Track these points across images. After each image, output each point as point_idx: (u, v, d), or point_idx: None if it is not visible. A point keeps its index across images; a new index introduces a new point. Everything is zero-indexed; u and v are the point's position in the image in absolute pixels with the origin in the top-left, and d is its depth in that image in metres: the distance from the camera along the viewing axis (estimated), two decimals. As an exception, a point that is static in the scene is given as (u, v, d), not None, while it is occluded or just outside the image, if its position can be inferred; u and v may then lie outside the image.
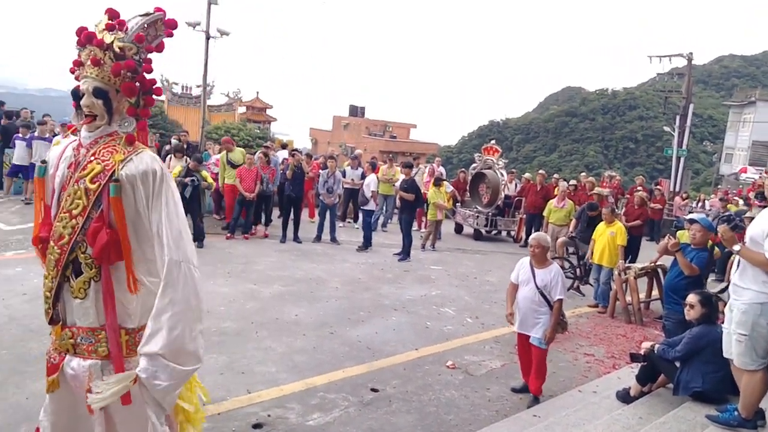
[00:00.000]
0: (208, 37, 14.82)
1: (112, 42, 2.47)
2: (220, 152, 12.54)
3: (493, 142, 16.23)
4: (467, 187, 15.57)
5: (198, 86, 30.59)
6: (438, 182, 12.74)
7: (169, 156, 11.54)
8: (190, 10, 15.27)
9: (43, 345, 5.48)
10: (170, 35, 2.66)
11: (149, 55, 2.61)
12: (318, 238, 11.76)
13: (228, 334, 6.34)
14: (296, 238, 11.51)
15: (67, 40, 2.68)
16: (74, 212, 2.46)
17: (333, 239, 11.80)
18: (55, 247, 2.48)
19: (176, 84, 37.97)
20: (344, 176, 13.05)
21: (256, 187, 11.24)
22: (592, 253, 9.17)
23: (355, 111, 52.46)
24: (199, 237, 10.29)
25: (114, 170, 2.43)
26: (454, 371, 6.02)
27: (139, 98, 2.58)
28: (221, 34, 15.00)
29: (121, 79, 2.49)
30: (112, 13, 2.53)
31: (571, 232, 10.60)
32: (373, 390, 5.36)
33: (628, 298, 8.60)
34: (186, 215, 9.30)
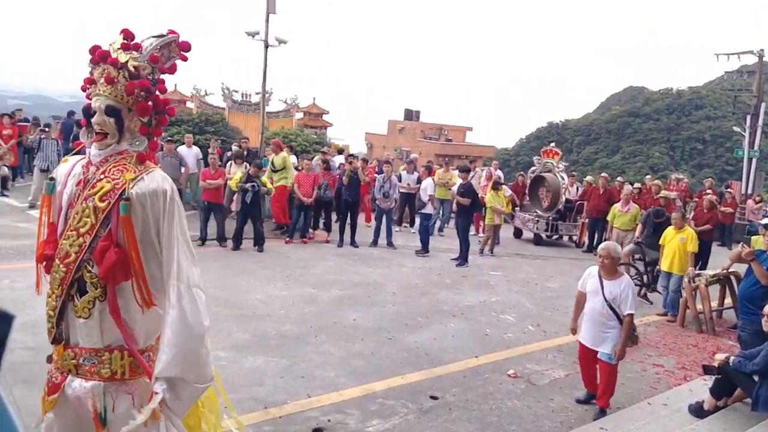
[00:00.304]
0: (266, 46, 15.11)
1: (127, 61, 2.47)
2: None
3: (552, 144, 15.85)
4: (526, 191, 15.27)
5: (257, 93, 31.27)
6: (497, 186, 12.54)
7: (229, 162, 11.81)
8: (250, 20, 15.64)
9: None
10: (184, 59, 2.65)
11: (162, 76, 2.61)
12: (374, 243, 11.78)
13: (288, 338, 6.40)
14: (353, 243, 11.57)
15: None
16: (82, 230, 2.43)
17: (389, 243, 11.80)
18: (61, 266, 2.44)
19: (236, 92, 38.93)
20: (400, 181, 13.03)
21: (314, 192, 11.36)
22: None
23: (411, 115, 52.39)
24: (258, 241, 10.49)
25: (124, 189, 2.40)
26: (515, 380, 5.87)
27: (152, 118, 2.57)
28: (279, 42, 15.27)
29: (134, 99, 2.48)
30: (127, 34, 2.54)
31: (637, 238, 10.22)
32: (433, 397, 5.29)
33: (699, 307, 8.21)
34: (246, 220, 9.42)
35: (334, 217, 12.52)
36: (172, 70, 2.65)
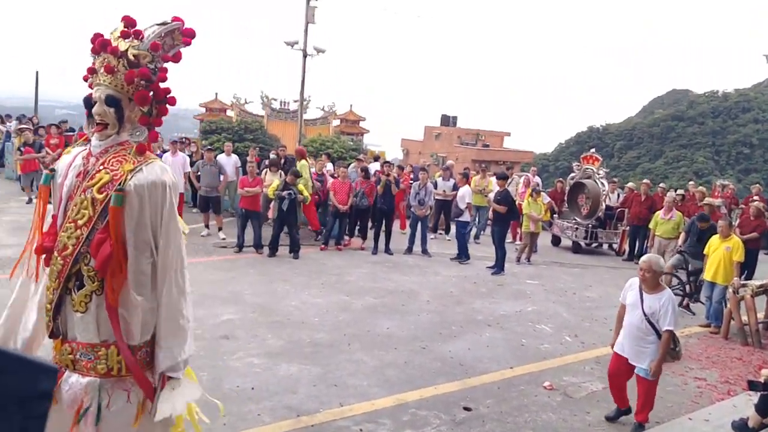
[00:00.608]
0: (305, 55, 15.34)
1: (127, 49, 2.41)
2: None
3: (592, 150, 15.57)
4: (565, 198, 15.02)
5: (295, 101, 31.72)
6: (535, 193, 12.35)
7: (264, 170, 11.96)
8: (289, 30, 15.90)
9: None
10: (188, 44, 2.58)
11: (166, 65, 2.55)
12: (409, 250, 11.75)
13: (321, 345, 6.43)
14: (387, 250, 11.57)
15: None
16: (80, 222, 2.39)
17: (424, 251, 11.75)
18: (59, 258, 2.41)
19: (275, 100, 39.47)
20: (436, 187, 12.98)
21: (349, 199, 11.42)
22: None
23: (447, 120, 52.19)
24: (294, 248, 10.58)
25: (122, 180, 2.37)
26: (551, 392, 5.76)
27: (152, 107, 2.53)
28: (318, 51, 15.48)
29: (134, 88, 2.43)
30: (128, 21, 2.47)
31: (680, 246, 9.93)
32: (466, 409, 5.23)
33: (744, 318, 7.91)
34: (283, 227, 9.42)
35: (369, 224, 12.55)
36: (176, 58, 2.59)
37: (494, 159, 43.44)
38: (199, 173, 11.71)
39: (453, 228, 12.68)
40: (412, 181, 13.42)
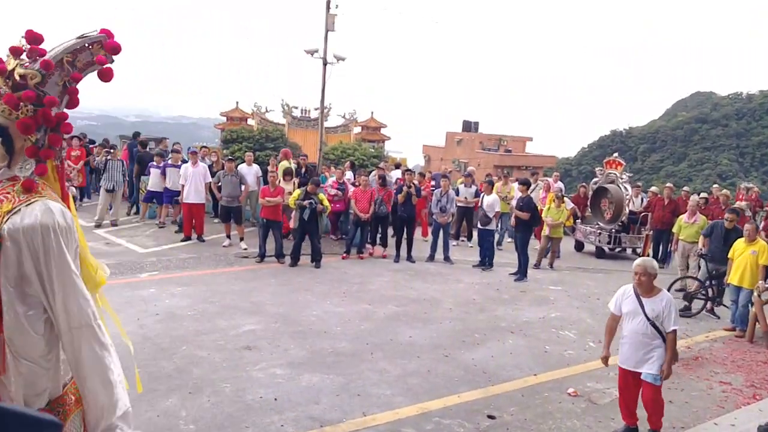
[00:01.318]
0: (325, 63, 15.40)
1: (14, 69, 2.08)
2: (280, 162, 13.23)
3: (615, 155, 15.40)
4: (588, 203, 14.87)
5: (316, 109, 31.96)
6: (558, 199, 12.23)
7: (279, 178, 11.98)
8: (308, 38, 16.05)
9: (174, 363, 5.89)
10: (107, 62, 2.21)
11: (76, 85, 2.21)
12: (431, 258, 11.74)
13: (343, 355, 6.45)
14: (409, 258, 11.57)
15: (194, 73, 2.52)
16: None
17: (446, 258, 11.73)
18: None
19: (296, 108, 39.78)
20: (458, 194, 12.95)
21: (371, 208, 11.45)
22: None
23: (469, 126, 52.11)
24: (316, 257, 10.63)
25: None
26: (575, 399, 5.71)
27: (43, 136, 2.14)
28: (338, 59, 15.55)
29: (22, 113, 2.07)
30: (30, 36, 2.14)
31: (701, 250, 9.77)
32: (490, 417, 5.20)
33: (772, 322, 7.76)
34: (304, 236, 9.32)
35: (390, 231, 12.55)
36: (104, 76, 2.22)
37: (517, 164, 43.25)
38: (220, 183, 11.83)
39: (475, 235, 12.61)
40: (433, 189, 13.41)
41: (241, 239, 11.69)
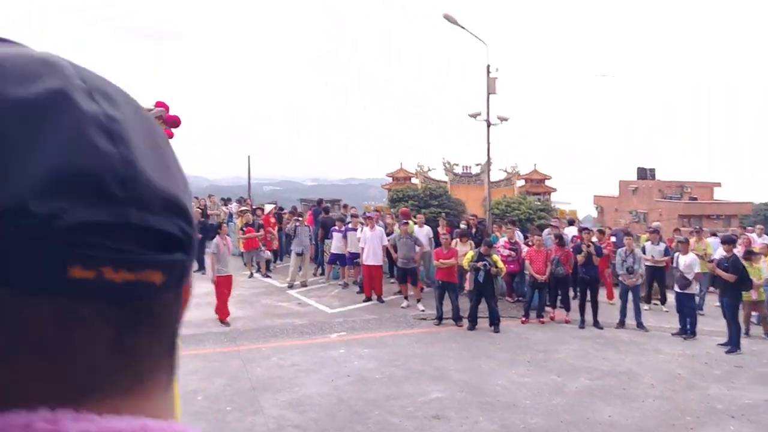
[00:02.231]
0: (488, 125, 15.50)
1: None
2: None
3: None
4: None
5: (477, 165, 32.23)
6: (749, 256, 10.60)
7: (455, 240, 11.97)
8: (471, 102, 16.38)
9: (369, 428, 5.89)
10: (172, 136, 2.29)
11: None
12: (621, 324, 10.76)
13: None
14: (596, 323, 10.71)
15: (361, 137, 2.61)
16: None
17: (639, 324, 10.66)
18: None
19: (456, 165, 40.27)
20: (644, 252, 11.89)
21: (547, 268, 10.92)
22: None
23: (644, 173, 48.68)
24: (494, 321, 10.29)
25: None
26: None
27: None
28: (501, 120, 15.63)
29: None
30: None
31: None
32: None
33: None
34: (480, 298, 9.15)
35: (571, 293, 11.82)
36: None
37: (705, 213, 39.43)
38: (395, 245, 12.18)
39: (671, 298, 11.41)
40: (615, 247, 12.49)
41: (418, 300, 11.77)
